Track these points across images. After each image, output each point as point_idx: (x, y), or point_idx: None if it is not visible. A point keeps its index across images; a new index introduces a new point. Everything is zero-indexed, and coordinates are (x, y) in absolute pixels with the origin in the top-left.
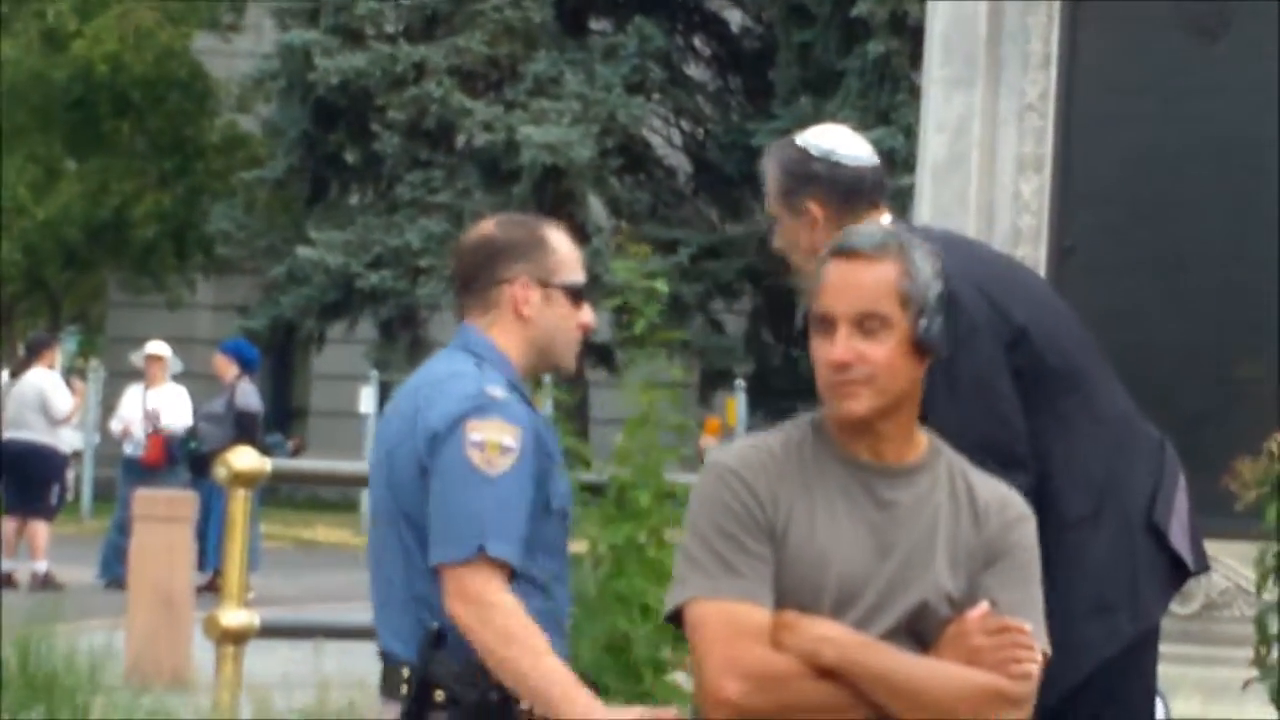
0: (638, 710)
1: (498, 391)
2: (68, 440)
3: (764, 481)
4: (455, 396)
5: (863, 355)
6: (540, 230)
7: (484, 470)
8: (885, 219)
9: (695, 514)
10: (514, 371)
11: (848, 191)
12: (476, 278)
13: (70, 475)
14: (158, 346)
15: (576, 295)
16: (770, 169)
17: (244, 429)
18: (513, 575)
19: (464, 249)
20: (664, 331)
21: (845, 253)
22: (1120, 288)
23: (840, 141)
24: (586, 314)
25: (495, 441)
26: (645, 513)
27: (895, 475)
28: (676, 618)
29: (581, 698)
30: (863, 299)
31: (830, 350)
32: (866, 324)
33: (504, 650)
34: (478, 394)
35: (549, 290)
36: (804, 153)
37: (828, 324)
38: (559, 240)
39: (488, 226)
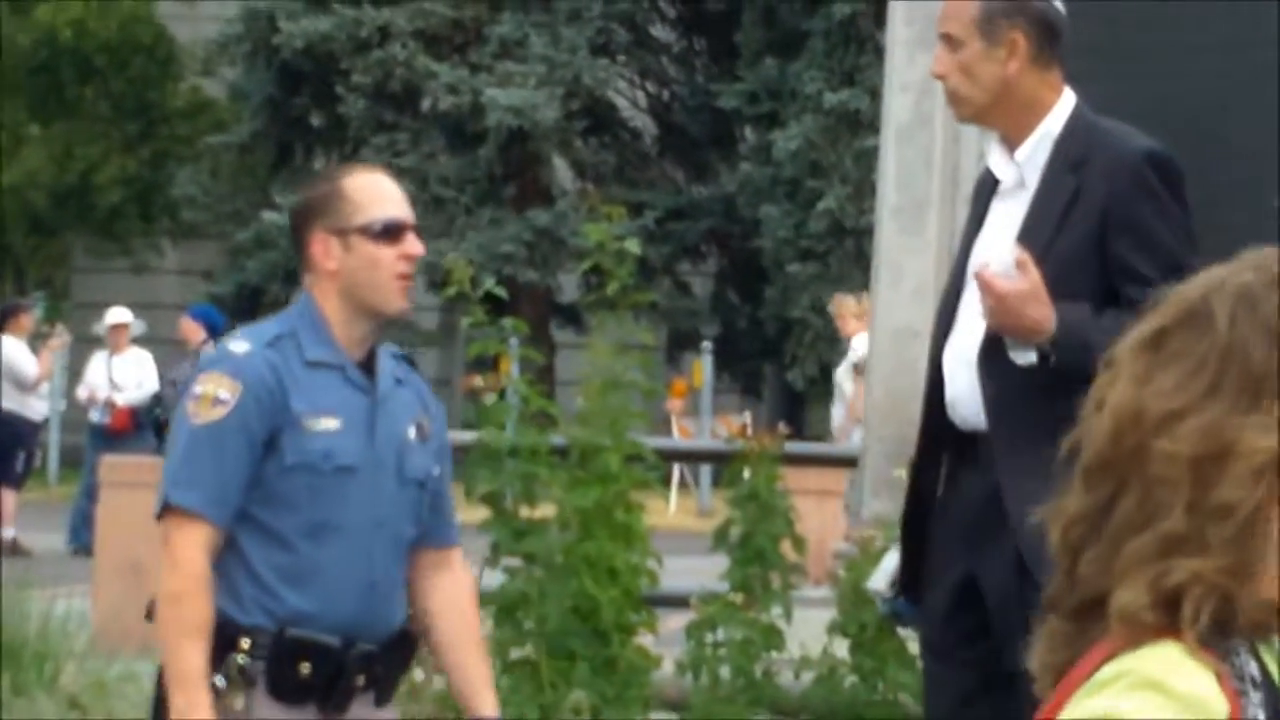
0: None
1: (240, 346)
2: (36, 408)
3: None
4: (207, 354)
5: None
6: (338, 181)
7: (190, 420)
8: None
9: None
10: (327, 333)
11: (1051, 35)
12: (296, 244)
13: (38, 442)
14: (119, 314)
15: (383, 233)
16: None
17: None
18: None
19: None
20: (635, 294)
21: None
22: None
23: None
24: (408, 246)
25: (210, 393)
26: (613, 476)
27: None
28: None
29: (192, 695)
30: None
31: None
32: None
33: (163, 608)
34: (220, 349)
35: (347, 238)
36: None
37: None
38: (357, 185)
39: (298, 193)
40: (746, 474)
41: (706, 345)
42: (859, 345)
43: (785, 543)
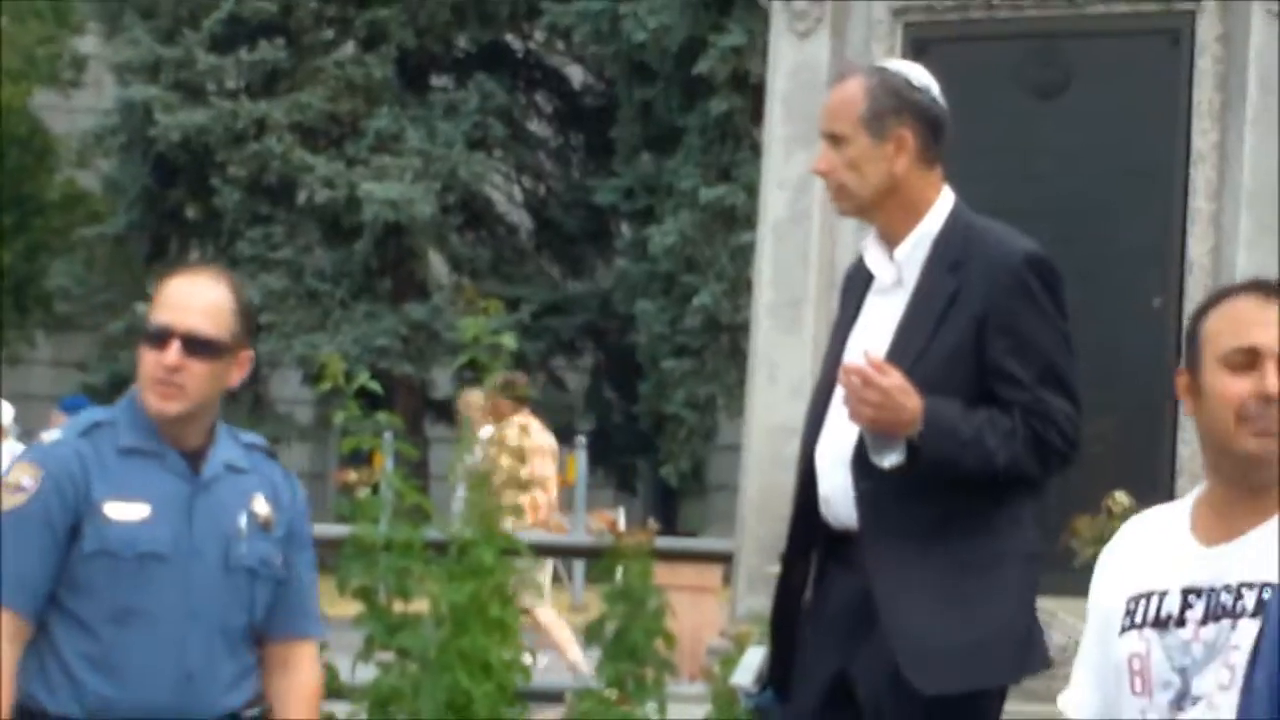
0: None
1: (53, 436)
2: None
3: None
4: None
5: None
6: (165, 281)
7: None
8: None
9: None
10: (148, 423)
11: (936, 132)
12: None
13: None
14: None
15: (151, 337)
16: (854, 89)
17: None
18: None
19: None
20: (509, 388)
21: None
22: None
23: (932, 82)
24: (165, 355)
25: (14, 481)
26: (488, 570)
27: None
28: None
29: None
30: None
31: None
32: None
33: None
34: (39, 440)
35: (141, 340)
36: (904, 80)
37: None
38: (166, 287)
39: None
40: (620, 569)
41: (581, 440)
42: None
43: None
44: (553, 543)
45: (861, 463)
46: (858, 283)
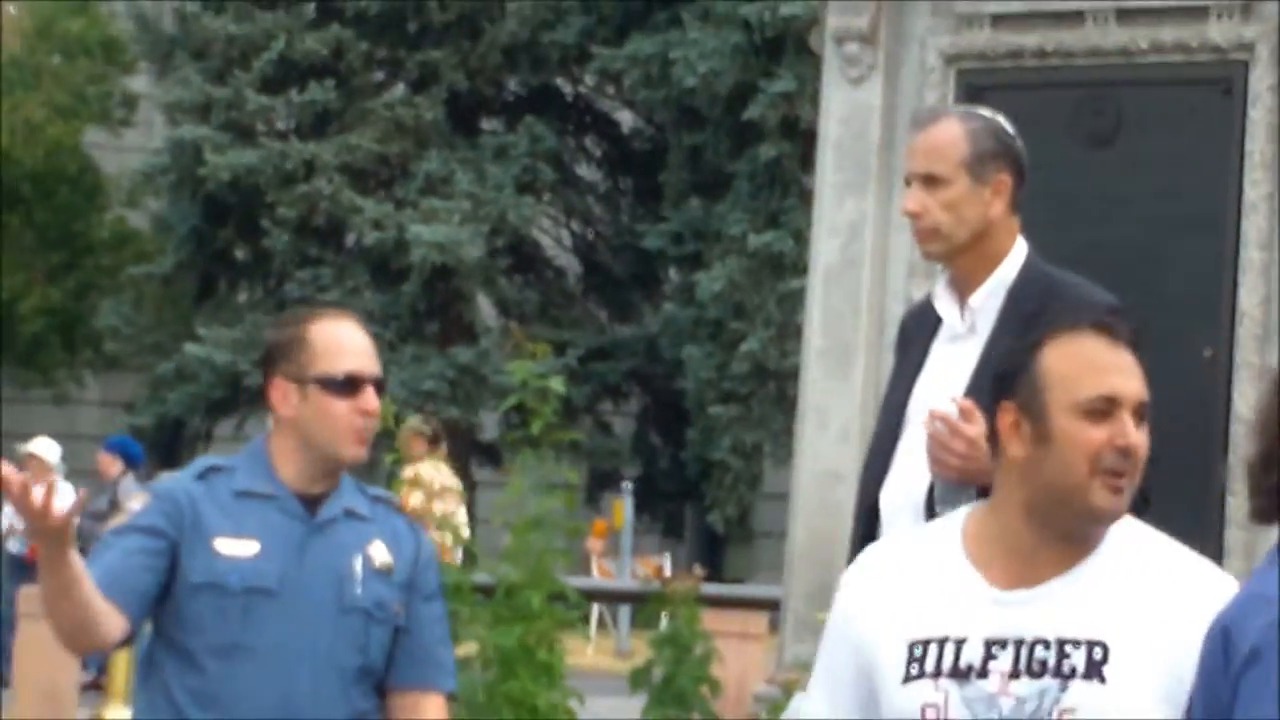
0: None
1: (170, 476)
2: None
3: None
4: None
5: None
6: (302, 327)
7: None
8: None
9: None
10: (268, 469)
11: (1022, 176)
12: (262, 382)
13: None
14: (39, 445)
15: (340, 385)
16: (955, 130)
17: None
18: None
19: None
20: (558, 432)
21: None
22: None
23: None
24: (364, 401)
25: (130, 512)
26: (536, 614)
27: None
28: None
29: None
30: None
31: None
32: None
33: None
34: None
35: (304, 387)
36: (1001, 125)
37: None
38: (321, 333)
39: (267, 330)
40: (665, 615)
41: (627, 486)
42: (424, 471)
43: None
44: (599, 588)
45: (933, 511)
46: (922, 328)
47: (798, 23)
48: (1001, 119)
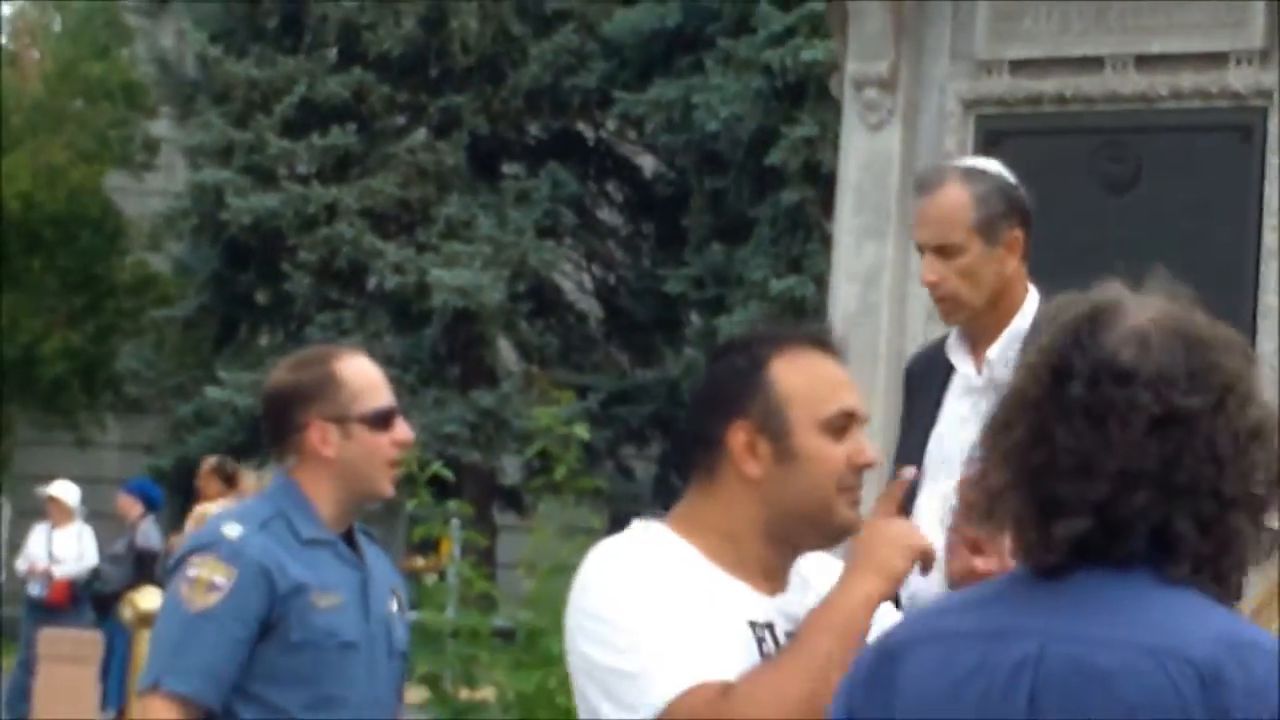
0: None
1: (233, 530)
2: None
3: None
4: (197, 534)
5: None
6: (329, 366)
7: (185, 605)
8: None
9: None
10: (314, 514)
11: (1030, 222)
12: (278, 427)
13: None
14: (59, 488)
15: (380, 420)
16: (959, 196)
17: (145, 569)
18: (211, 710)
19: (264, 399)
20: (582, 480)
21: None
22: None
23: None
24: (399, 432)
25: (205, 578)
26: (556, 659)
27: None
28: None
29: None
30: None
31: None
32: None
33: None
34: (211, 532)
35: (346, 425)
36: (1004, 179)
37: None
38: (351, 370)
39: (281, 373)
40: None
41: None
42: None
43: None
44: None
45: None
46: (933, 375)
47: (819, 68)
48: (1003, 170)
